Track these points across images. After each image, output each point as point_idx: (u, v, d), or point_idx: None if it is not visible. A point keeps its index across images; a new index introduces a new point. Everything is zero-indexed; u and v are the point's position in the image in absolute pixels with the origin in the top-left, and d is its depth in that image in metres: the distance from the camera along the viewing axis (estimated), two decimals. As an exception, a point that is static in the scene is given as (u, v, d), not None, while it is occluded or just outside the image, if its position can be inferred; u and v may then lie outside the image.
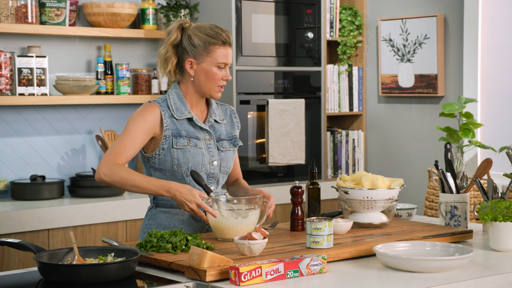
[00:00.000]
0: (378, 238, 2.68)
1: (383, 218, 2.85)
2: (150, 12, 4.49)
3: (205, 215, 2.63)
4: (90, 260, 2.35)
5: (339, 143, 5.03)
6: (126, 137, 2.71)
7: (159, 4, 4.60)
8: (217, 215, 2.59)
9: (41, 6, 4.14)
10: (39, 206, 3.81)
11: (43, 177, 4.10)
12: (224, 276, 2.22)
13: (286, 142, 4.56)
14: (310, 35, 4.72)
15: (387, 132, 5.03)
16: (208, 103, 2.91)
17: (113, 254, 2.37)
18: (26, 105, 4.18)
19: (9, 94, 4.03)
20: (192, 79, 2.80)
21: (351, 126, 5.20)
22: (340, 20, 5.03)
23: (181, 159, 2.77)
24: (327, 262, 2.44)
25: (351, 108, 5.09)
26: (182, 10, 4.54)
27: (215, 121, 2.89)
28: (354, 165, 5.08)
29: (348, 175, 4.99)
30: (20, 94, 4.02)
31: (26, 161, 4.20)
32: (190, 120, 2.81)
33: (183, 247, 2.44)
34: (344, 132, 5.06)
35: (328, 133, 4.97)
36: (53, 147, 4.29)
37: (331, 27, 4.99)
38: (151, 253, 2.42)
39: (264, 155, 4.56)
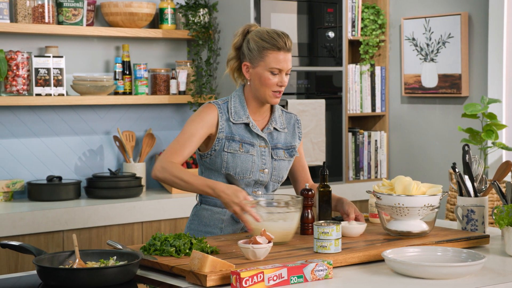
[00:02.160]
0: (390, 242, 2.60)
1: (424, 226, 2.71)
2: (169, 12, 4.45)
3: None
4: (92, 264, 2.32)
5: (361, 144, 4.94)
6: (183, 136, 2.75)
7: (177, 3, 4.56)
8: (260, 219, 2.53)
9: (58, 6, 4.12)
10: (55, 207, 3.79)
11: (60, 178, 4.08)
12: (225, 281, 2.17)
13: (306, 143, 4.49)
14: (331, 34, 4.65)
15: (410, 133, 4.93)
16: (272, 110, 2.89)
17: (115, 257, 2.33)
18: (43, 105, 4.17)
19: (26, 94, 4.02)
20: (249, 83, 2.82)
21: (373, 127, 5.12)
22: (362, 19, 4.95)
23: (230, 163, 2.77)
24: (335, 267, 2.37)
25: (373, 109, 5.00)
26: (201, 10, 4.50)
27: (275, 129, 2.86)
28: (376, 166, 4.99)
29: (370, 177, 4.96)
30: (37, 95, 4.01)
31: (43, 161, 4.19)
32: (247, 125, 2.81)
33: (187, 250, 2.39)
34: (366, 133, 4.97)
35: (350, 134, 4.89)
36: (70, 147, 4.28)
37: (353, 26, 4.91)
38: (154, 257, 2.38)
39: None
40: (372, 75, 5.00)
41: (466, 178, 2.99)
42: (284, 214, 2.57)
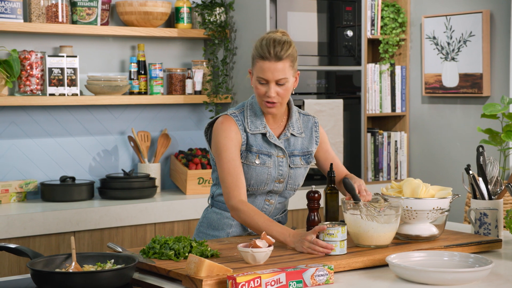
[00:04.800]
0: (397, 246, 2.52)
1: (433, 230, 2.63)
2: (185, 11, 4.41)
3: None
4: (88, 267, 2.27)
5: (380, 145, 4.85)
6: (229, 165, 2.65)
7: (193, 2, 4.52)
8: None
9: (72, 5, 4.10)
10: (67, 208, 3.77)
11: (73, 178, 4.06)
12: (222, 286, 2.11)
13: (322, 144, 4.41)
14: (350, 33, 4.57)
15: (431, 134, 4.83)
16: (289, 115, 2.80)
17: (112, 261, 2.29)
18: (57, 105, 4.15)
19: (40, 94, 4.01)
20: None
21: (393, 128, 5.02)
22: (382, 17, 4.86)
23: (246, 174, 2.71)
24: (338, 272, 2.31)
25: (393, 109, 4.91)
26: (217, 8, 4.45)
27: (292, 134, 2.78)
28: (396, 167, 4.90)
29: (390, 178, 4.86)
30: (50, 94, 3.99)
31: (57, 162, 4.17)
32: (264, 135, 2.73)
33: (186, 254, 2.34)
34: (385, 134, 4.88)
35: (369, 134, 4.80)
36: (84, 148, 4.25)
37: (372, 25, 4.82)
38: (152, 260, 2.33)
39: (299, 157, 4.42)
40: (392, 75, 4.91)
41: (480, 180, 2.90)
42: (389, 217, 2.48)
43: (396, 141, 4.90)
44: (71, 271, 2.21)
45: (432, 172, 4.81)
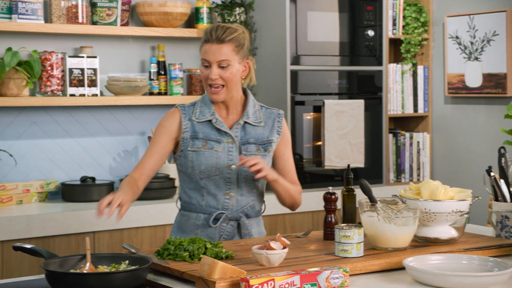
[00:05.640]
0: (415, 249, 2.49)
1: (453, 233, 2.59)
2: (204, 11, 4.40)
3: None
4: (103, 268, 2.27)
5: (402, 146, 4.81)
6: (148, 149, 2.77)
7: (213, 2, 4.50)
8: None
9: (93, 6, 4.11)
10: (87, 208, 3.77)
11: (93, 179, 4.07)
12: (235, 288, 2.09)
13: (343, 145, 4.38)
14: (371, 33, 4.53)
15: (454, 135, 4.78)
16: (245, 104, 2.81)
17: (127, 262, 2.28)
18: (77, 106, 4.16)
19: (61, 94, 4.02)
20: None
21: (416, 128, 4.97)
22: (404, 17, 4.81)
23: (195, 161, 2.72)
24: (354, 275, 2.28)
25: (415, 109, 4.86)
26: (237, 9, 4.43)
27: (247, 123, 2.77)
28: (418, 169, 4.85)
29: (412, 179, 4.81)
30: (71, 95, 4.00)
31: (77, 162, 4.18)
32: (211, 122, 2.75)
33: (201, 255, 2.33)
34: (407, 134, 4.83)
35: (390, 135, 4.75)
36: (104, 148, 4.26)
37: (394, 24, 4.78)
38: (166, 261, 2.32)
39: (320, 158, 4.39)
40: (414, 75, 4.86)
41: (502, 182, 2.85)
42: (407, 219, 2.45)
43: (418, 142, 4.85)
44: (85, 272, 2.21)
45: (455, 174, 4.75)
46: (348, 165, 2.73)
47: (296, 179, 2.86)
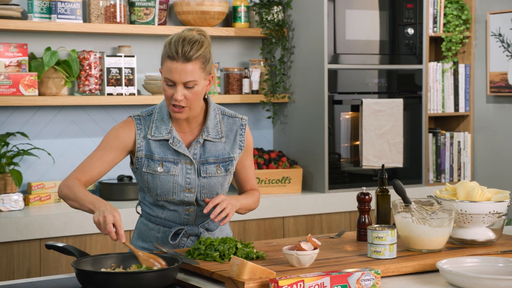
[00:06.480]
0: (451, 251, 2.44)
1: (490, 235, 2.54)
2: (242, 10, 4.38)
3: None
4: (135, 267, 2.27)
5: (442, 146, 4.73)
6: (96, 153, 2.53)
7: (251, 1, 4.49)
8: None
9: (130, 5, 4.13)
10: (124, 206, 3.78)
11: (130, 178, 4.08)
12: (264, 289, 2.07)
13: (382, 144, 4.32)
14: (411, 31, 4.46)
15: (496, 134, 4.68)
16: (205, 118, 2.57)
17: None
18: (115, 105, 4.18)
19: (99, 94, 4.05)
20: None
21: (456, 128, 4.89)
22: (445, 14, 4.73)
23: (151, 184, 2.52)
24: (385, 276, 2.24)
25: (456, 109, 4.78)
26: (275, 7, 4.41)
27: (206, 140, 2.54)
28: (459, 169, 4.77)
29: (453, 180, 4.73)
30: (108, 94, 4.02)
31: (115, 161, 4.20)
32: (168, 141, 2.52)
33: (231, 256, 2.31)
34: (448, 134, 4.75)
35: (430, 135, 4.68)
36: (142, 147, 4.27)
37: (435, 22, 4.70)
38: (197, 261, 2.31)
39: (358, 158, 4.34)
40: (455, 73, 4.78)
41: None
42: (442, 220, 2.41)
43: (459, 142, 4.77)
44: (116, 271, 2.21)
45: (496, 174, 4.66)
46: (383, 165, 2.68)
47: (256, 185, 2.70)
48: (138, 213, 2.69)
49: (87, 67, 4.00)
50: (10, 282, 2.31)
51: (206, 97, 2.59)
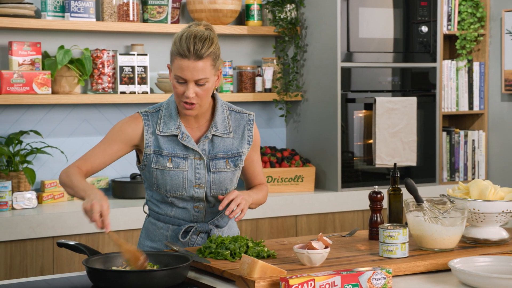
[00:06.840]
0: (463, 250, 2.42)
1: (503, 234, 2.52)
2: (255, 8, 4.38)
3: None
4: (147, 265, 2.26)
5: (457, 144, 4.70)
6: (100, 145, 2.54)
7: (264, -1, 4.48)
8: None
9: (143, 4, 4.13)
10: (137, 205, 3.79)
11: (143, 176, 4.09)
12: (275, 288, 2.07)
13: (395, 143, 4.30)
14: (425, 29, 4.44)
15: (511, 133, 4.65)
16: (213, 113, 2.57)
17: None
18: (128, 103, 4.18)
19: (112, 92, 4.05)
20: None
21: (471, 126, 4.86)
22: (459, 12, 4.70)
23: (160, 180, 2.52)
24: (397, 275, 2.22)
25: (470, 107, 4.75)
26: (288, 5, 4.40)
27: (216, 135, 2.55)
28: (473, 168, 4.74)
29: (467, 178, 4.70)
30: (121, 92, 4.03)
31: (128, 159, 4.20)
32: (177, 136, 2.52)
33: (242, 254, 2.30)
34: (462, 133, 4.72)
35: (444, 133, 4.65)
36: (154, 145, 4.27)
37: (449, 20, 4.67)
38: (207, 260, 2.30)
39: (371, 157, 4.32)
40: (470, 71, 4.75)
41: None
42: (454, 219, 2.40)
43: (473, 140, 4.74)
44: (127, 269, 2.21)
45: (511, 173, 4.63)
46: (395, 164, 2.67)
47: (264, 179, 2.71)
48: (145, 212, 2.68)
49: (100, 66, 4.01)
50: (24, 280, 2.32)
51: (214, 93, 2.59)
